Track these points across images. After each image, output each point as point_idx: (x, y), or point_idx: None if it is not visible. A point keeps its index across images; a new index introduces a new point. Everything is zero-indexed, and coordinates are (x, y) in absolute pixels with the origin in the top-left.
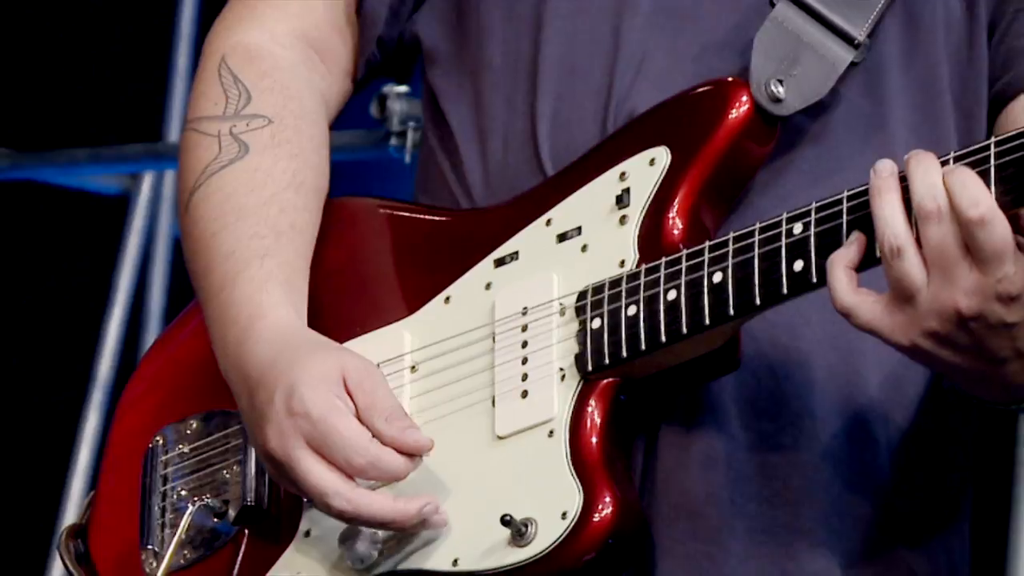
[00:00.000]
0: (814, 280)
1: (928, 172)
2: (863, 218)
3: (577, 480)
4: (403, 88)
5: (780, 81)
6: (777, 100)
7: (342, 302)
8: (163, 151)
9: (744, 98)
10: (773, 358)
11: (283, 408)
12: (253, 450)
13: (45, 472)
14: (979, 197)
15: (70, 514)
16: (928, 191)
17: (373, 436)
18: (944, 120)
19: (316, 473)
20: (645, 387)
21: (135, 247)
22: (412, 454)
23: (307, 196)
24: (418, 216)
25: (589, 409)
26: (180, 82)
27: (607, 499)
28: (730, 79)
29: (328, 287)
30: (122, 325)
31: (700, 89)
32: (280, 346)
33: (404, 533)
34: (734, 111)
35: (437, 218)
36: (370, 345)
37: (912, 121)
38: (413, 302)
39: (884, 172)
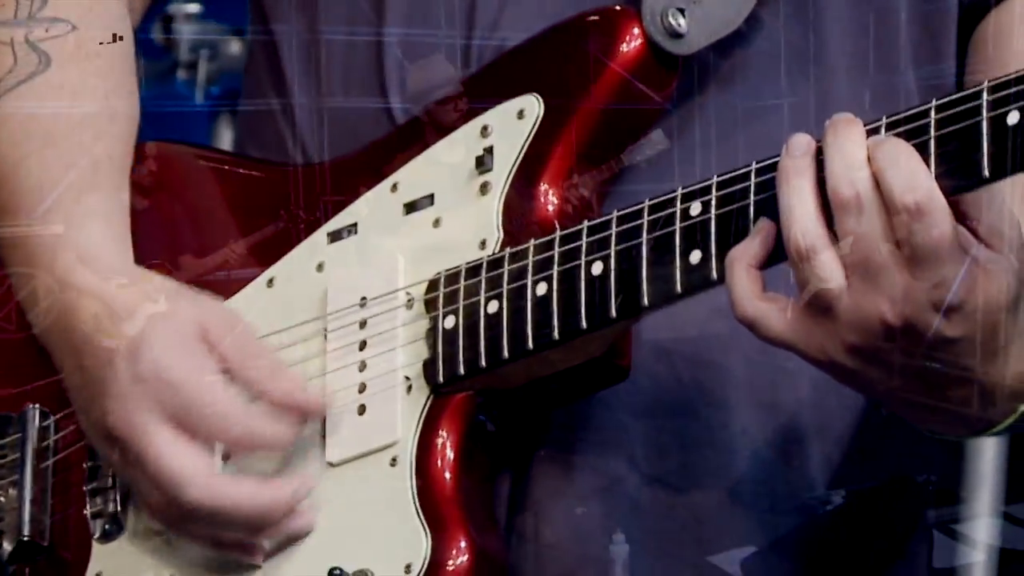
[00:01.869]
0: (715, 277)
1: (848, 147)
2: (774, 199)
3: (424, 523)
4: (194, 7)
5: (681, 11)
6: (677, 35)
7: None
8: None
9: (635, 31)
10: (687, 370)
11: (128, 373)
12: (30, 471)
13: None
14: (916, 179)
15: None
16: (845, 173)
17: (252, 397)
18: (898, 41)
19: (171, 453)
20: (510, 402)
21: None
22: (301, 416)
23: (121, 125)
24: (237, 171)
25: (440, 431)
26: None
27: (462, 545)
28: (617, 7)
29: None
30: None
31: (580, 21)
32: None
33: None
34: (622, 48)
35: (258, 175)
36: None
37: (856, 47)
38: (229, 284)
39: (797, 151)
